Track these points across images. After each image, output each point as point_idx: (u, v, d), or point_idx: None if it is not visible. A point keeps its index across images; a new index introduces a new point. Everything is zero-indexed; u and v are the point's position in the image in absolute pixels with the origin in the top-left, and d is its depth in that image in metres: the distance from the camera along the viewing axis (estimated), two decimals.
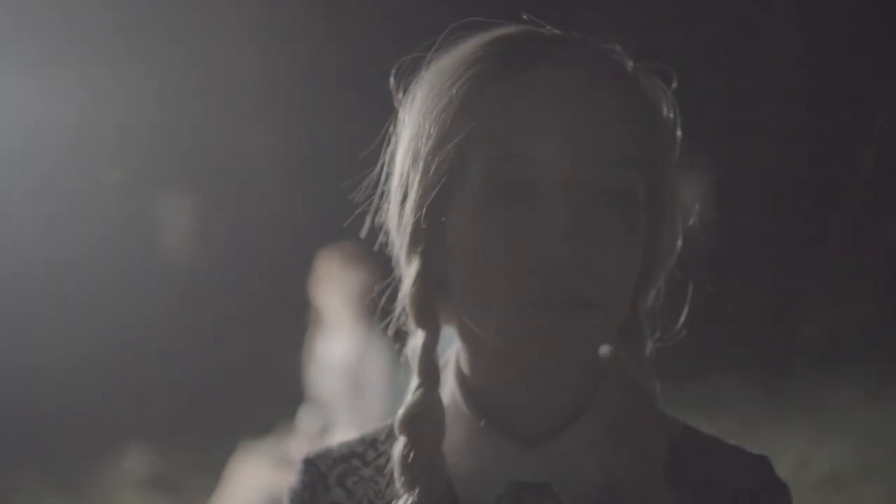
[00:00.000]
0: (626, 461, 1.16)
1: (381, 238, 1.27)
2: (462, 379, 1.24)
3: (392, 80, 1.26)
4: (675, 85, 1.26)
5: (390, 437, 1.26)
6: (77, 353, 8.97)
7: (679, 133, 1.25)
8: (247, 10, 10.92)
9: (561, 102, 1.15)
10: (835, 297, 10.66)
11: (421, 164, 1.18)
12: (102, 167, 10.87)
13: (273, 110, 11.08)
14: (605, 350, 1.23)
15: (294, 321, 6.05)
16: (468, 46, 1.21)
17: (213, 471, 6.22)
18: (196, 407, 8.84)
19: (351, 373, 5.32)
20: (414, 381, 1.21)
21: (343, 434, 5.15)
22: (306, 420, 5.50)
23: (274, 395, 6.98)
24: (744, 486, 1.22)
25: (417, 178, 1.18)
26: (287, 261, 6.60)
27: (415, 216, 1.19)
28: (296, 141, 11.12)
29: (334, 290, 5.35)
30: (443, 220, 1.18)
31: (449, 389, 1.24)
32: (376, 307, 4.52)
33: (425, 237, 1.19)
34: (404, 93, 1.25)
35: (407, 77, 1.25)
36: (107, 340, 9.13)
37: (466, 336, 1.23)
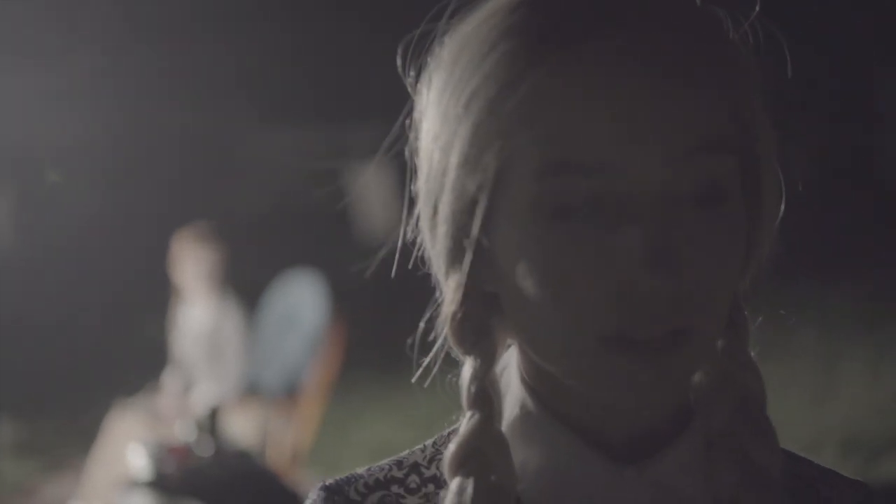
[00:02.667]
0: (736, 479, 0.96)
1: (416, 251, 1.00)
2: (530, 388, 0.99)
3: (399, 60, 0.99)
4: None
5: (435, 459, 1.02)
6: None
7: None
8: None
9: (625, 81, 0.87)
10: None
11: (451, 173, 0.92)
12: None
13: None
14: None
15: (155, 294, 6.70)
16: (493, 11, 0.93)
17: (84, 434, 6.78)
18: (64, 378, 9.22)
19: (208, 337, 6.07)
20: (466, 414, 0.96)
21: (204, 390, 5.91)
22: (171, 380, 6.14)
23: (140, 362, 7.54)
24: None
25: (447, 191, 0.93)
26: (148, 239, 7.10)
27: (448, 236, 0.94)
28: (148, 126, 11.33)
29: (190, 265, 6.06)
30: (483, 242, 0.93)
31: (515, 398, 0.99)
32: (227, 278, 5.38)
33: (465, 257, 0.94)
34: (417, 75, 0.98)
35: (417, 56, 0.98)
36: None
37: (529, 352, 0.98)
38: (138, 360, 7.71)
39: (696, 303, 0.88)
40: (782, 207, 0.99)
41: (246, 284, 6.28)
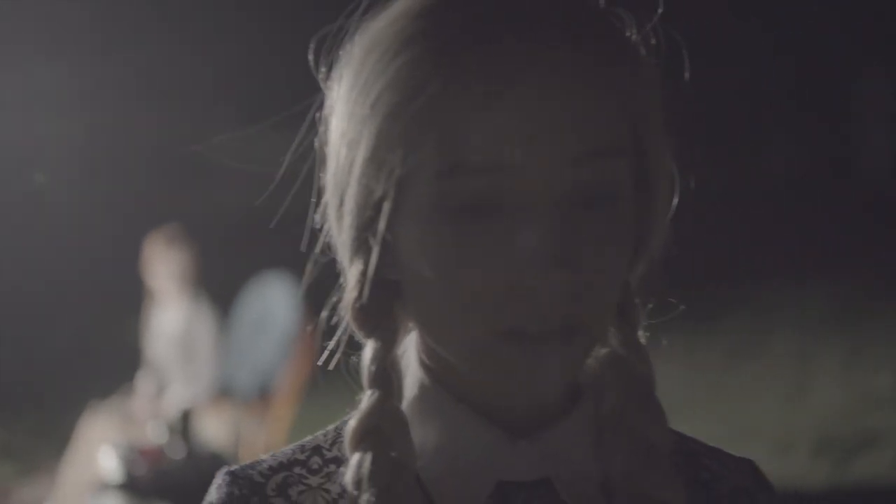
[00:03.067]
0: (623, 453, 1.00)
1: (323, 236, 1.03)
2: (427, 368, 1.03)
3: (311, 57, 1.02)
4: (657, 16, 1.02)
5: (337, 442, 1.04)
6: None
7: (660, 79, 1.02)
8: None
9: (521, 89, 0.91)
10: None
11: (357, 171, 0.95)
12: None
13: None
14: None
15: (129, 297, 6.68)
16: (400, 14, 0.97)
17: (57, 437, 6.73)
18: (37, 381, 9.14)
19: (180, 340, 6.04)
20: (366, 392, 1.00)
21: (176, 392, 5.89)
22: (144, 383, 6.12)
23: (113, 365, 7.46)
24: (739, 485, 1.09)
25: (353, 186, 0.96)
26: (121, 241, 7.08)
27: (353, 228, 0.97)
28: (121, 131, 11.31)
29: (162, 267, 6.04)
30: (388, 237, 0.96)
31: (414, 379, 1.03)
32: (200, 280, 5.37)
33: (368, 248, 0.97)
34: (329, 70, 1.01)
35: (330, 53, 1.01)
36: None
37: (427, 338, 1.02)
38: (111, 362, 7.69)
39: (587, 299, 0.93)
40: (674, 203, 1.03)
41: (218, 287, 6.26)
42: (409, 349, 1.05)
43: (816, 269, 10.64)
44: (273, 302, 6.27)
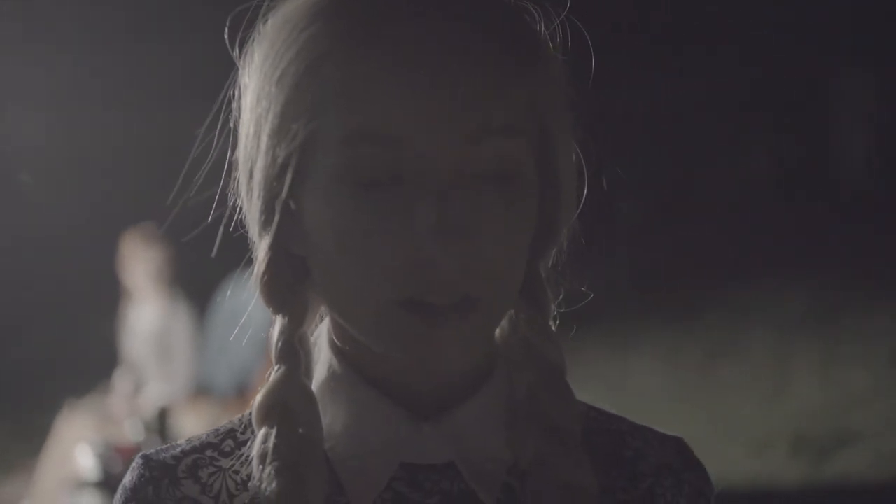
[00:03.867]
0: (534, 437, 1.01)
1: (236, 215, 1.04)
2: (338, 350, 1.03)
3: (227, 34, 1.03)
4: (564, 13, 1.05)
5: (250, 426, 1.04)
6: None
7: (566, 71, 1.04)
8: None
9: (422, 64, 0.93)
10: None
11: (264, 142, 0.97)
12: None
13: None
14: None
15: (105, 294, 6.67)
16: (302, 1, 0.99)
17: (34, 435, 6.70)
18: (13, 379, 9.14)
19: (157, 338, 6.04)
20: (273, 367, 1.02)
21: (154, 390, 5.88)
22: (121, 381, 6.10)
23: (90, 363, 7.40)
24: (663, 462, 1.09)
25: (261, 158, 0.98)
26: (98, 239, 7.07)
27: (261, 199, 0.99)
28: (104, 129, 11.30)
29: (138, 265, 6.04)
30: (292, 206, 0.98)
31: (324, 361, 1.04)
32: (176, 279, 5.36)
33: (276, 219, 0.99)
34: (240, 50, 1.03)
35: (244, 31, 1.03)
36: None
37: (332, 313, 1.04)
38: (88, 361, 7.67)
39: (485, 272, 0.94)
40: (584, 191, 1.06)
41: (195, 284, 6.25)
42: (322, 333, 1.06)
43: (794, 268, 10.66)
44: (249, 299, 6.24)
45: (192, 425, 5.78)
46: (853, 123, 13.88)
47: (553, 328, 1.06)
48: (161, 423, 5.40)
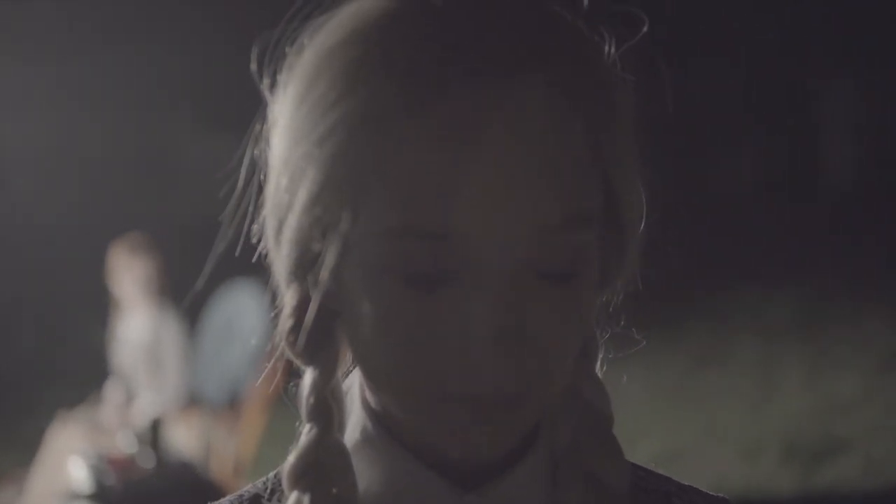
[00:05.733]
0: (581, 495, 0.94)
1: (260, 246, 0.95)
2: (372, 412, 0.95)
3: (254, 66, 0.93)
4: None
5: (276, 491, 0.98)
6: None
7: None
8: None
9: (482, 150, 0.81)
10: None
11: (297, 211, 0.86)
12: None
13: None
14: None
15: (96, 304, 6.67)
16: (354, 31, 0.86)
17: (25, 446, 6.72)
18: (4, 390, 9.12)
19: (148, 348, 6.02)
20: (304, 426, 0.93)
21: (145, 401, 5.88)
22: (112, 391, 6.08)
23: (81, 373, 7.53)
24: None
25: (293, 217, 0.87)
26: (88, 248, 7.08)
27: (290, 258, 0.90)
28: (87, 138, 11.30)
29: (127, 275, 6.02)
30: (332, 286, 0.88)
31: (357, 422, 0.96)
32: (166, 288, 5.34)
33: (306, 280, 0.90)
34: (272, 80, 0.92)
35: (273, 60, 0.92)
36: None
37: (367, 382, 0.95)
38: (80, 371, 7.68)
39: (539, 372, 0.86)
40: (641, 227, 0.94)
41: (186, 294, 6.25)
42: (353, 387, 0.97)
43: (781, 275, 10.70)
44: (242, 309, 6.26)
45: (184, 436, 5.78)
46: (841, 129, 13.93)
47: (600, 375, 0.98)
48: (154, 435, 5.40)
